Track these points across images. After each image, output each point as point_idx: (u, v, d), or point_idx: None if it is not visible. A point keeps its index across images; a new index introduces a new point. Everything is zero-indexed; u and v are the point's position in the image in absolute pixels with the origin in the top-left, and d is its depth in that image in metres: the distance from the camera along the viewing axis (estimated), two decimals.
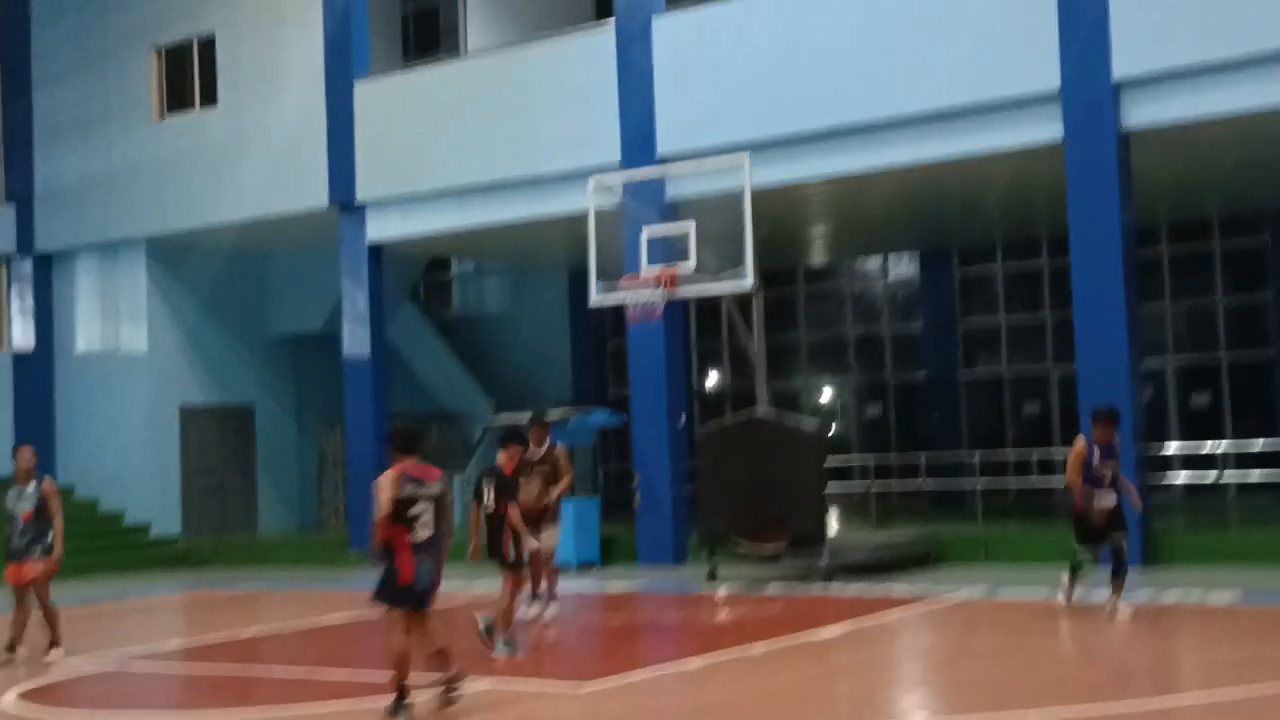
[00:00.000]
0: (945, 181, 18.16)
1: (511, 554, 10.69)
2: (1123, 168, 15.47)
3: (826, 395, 25.95)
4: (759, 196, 14.54)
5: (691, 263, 14.05)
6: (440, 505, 8.43)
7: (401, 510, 8.24)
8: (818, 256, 25.36)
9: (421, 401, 24.49)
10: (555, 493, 12.30)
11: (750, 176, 14.01)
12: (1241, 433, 21.08)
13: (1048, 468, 20.69)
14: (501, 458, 11.00)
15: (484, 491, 10.81)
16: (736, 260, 14.17)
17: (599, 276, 15.08)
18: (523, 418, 15.81)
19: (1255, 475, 19.74)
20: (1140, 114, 15.35)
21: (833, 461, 18.23)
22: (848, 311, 25.63)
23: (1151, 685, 9.22)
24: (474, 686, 8.99)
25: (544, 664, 10.83)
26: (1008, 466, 21.64)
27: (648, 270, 14.17)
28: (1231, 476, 20.20)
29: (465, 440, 24.26)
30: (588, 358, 25.62)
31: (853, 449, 23.95)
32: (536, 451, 12.27)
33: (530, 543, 10.99)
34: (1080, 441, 11.94)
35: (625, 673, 10.01)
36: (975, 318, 24.38)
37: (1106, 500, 11.81)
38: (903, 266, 25.29)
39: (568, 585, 16.01)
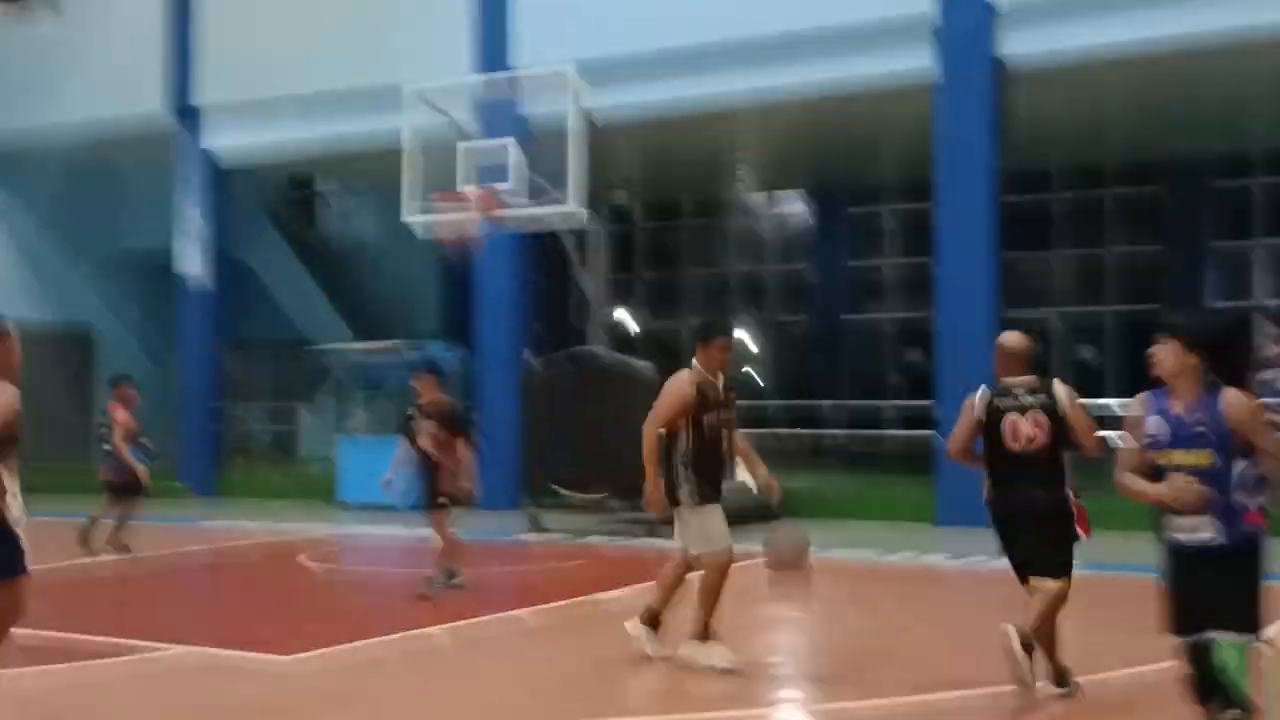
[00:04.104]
0: (830, 118, 17.12)
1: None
2: (997, 102, 14.43)
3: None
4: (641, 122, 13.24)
5: (512, 185, 12.70)
6: None
7: None
8: (702, 191, 24.17)
9: (279, 329, 23.06)
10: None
11: (578, 96, 12.70)
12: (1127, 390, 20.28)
13: (918, 422, 19.69)
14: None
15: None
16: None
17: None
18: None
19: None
20: (1018, 43, 14.36)
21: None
22: (734, 250, 24.51)
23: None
24: (165, 652, 7.84)
25: (255, 629, 9.14)
26: (880, 418, 20.73)
27: (463, 191, 12.76)
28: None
29: (320, 370, 22.83)
30: (457, 291, 24.27)
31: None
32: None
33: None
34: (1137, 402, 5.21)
35: (339, 644, 8.10)
36: (863, 261, 23.37)
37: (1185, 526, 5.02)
38: (793, 206, 24.18)
39: (372, 530, 14.64)
